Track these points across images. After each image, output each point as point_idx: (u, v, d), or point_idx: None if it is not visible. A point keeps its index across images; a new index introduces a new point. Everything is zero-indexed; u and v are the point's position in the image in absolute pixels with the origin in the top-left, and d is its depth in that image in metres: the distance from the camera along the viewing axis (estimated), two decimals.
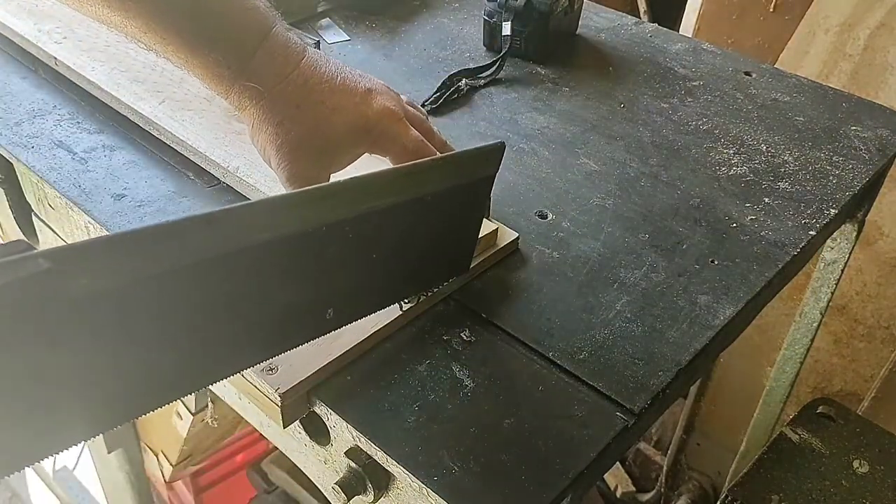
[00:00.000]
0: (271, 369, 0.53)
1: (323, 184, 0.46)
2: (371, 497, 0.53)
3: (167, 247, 0.38)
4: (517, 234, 0.66)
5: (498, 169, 0.56)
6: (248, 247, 0.42)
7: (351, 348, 0.55)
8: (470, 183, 0.55)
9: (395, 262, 0.54)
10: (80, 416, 0.40)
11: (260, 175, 0.66)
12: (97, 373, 0.39)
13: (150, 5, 0.54)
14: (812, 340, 1.02)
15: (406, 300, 0.58)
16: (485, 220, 0.64)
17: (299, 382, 0.52)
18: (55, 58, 0.79)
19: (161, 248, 0.38)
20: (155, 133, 0.73)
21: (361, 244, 0.49)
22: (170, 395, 0.44)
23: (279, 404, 0.52)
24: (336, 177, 0.59)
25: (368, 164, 0.62)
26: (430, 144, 0.59)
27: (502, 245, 0.65)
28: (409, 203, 0.51)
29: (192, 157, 0.71)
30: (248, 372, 0.53)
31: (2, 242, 0.87)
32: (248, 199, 0.68)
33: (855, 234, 0.90)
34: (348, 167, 0.60)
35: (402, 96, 0.64)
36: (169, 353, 0.42)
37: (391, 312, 0.58)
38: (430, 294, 0.59)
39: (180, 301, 0.40)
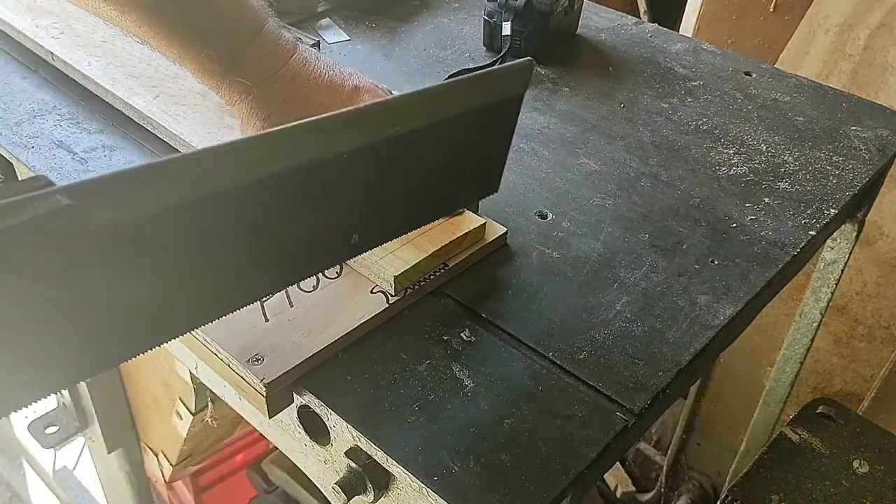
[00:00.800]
0: (257, 360, 0.53)
1: (344, 109, 0.45)
2: (371, 497, 0.53)
3: (188, 178, 0.38)
4: (505, 229, 0.66)
5: (527, 87, 0.55)
6: (269, 175, 0.41)
7: (337, 339, 0.55)
8: (497, 102, 0.54)
9: (421, 185, 0.53)
10: (105, 344, 0.40)
11: None
12: (121, 302, 0.39)
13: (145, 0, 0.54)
14: (812, 340, 1.02)
15: (395, 294, 0.59)
16: (473, 214, 0.64)
17: (285, 373, 0.53)
18: (52, 53, 0.79)
19: (182, 179, 0.37)
20: (149, 128, 0.74)
21: (385, 169, 0.49)
22: (199, 320, 0.45)
23: (264, 395, 0.53)
24: None
25: None
26: None
27: (490, 240, 0.65)
28: (434, 126, 0.49)
29: (185, 152, 0.71)
30: (234, 362, 0.54)
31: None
32: None
33: (855, 234, 0.90)
34: None
35: (394, 92, 0.64)
36: (195, 279, 0.42)
37: (378, 304, 0.58)
38: (416, 288, 0.60)
39: (204, 230, 0.40)
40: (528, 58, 0.54)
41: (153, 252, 0.39)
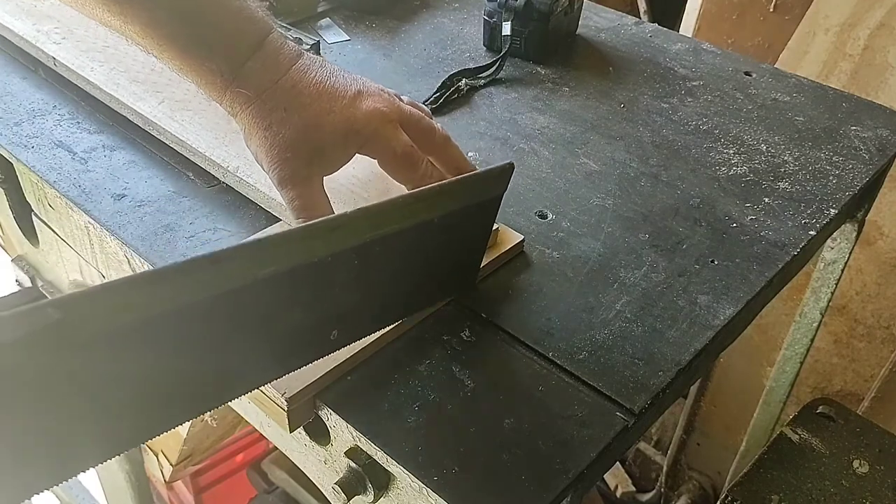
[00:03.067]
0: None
1: (328, 216, 0.46)
2: (371, 497, 0.53)
3: (172, 287, 0.39)
4: (522, 237, 0.66)
5: (506, 188, 0.56)
6: (253, 282, 0.43)
7: (358, 352, 0.55)
8: (478, 203, 0.55)
9: (399, 283, 0.54)
10: (97, 442, 0.41)
11: (259, 175, 0.66)
12: (113, 402, 0.40)
13: (147, 12, 0.55)
14: (812, 340, 1.02)
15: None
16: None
17: (306, 387, 0.52)
18: (54, 58, 0.79)
19: (166, 289, 0.39)
20: (154, 133, 0.73)
21: (366, 269, 0.50)
22: (182, 417, 0.45)
23: (286, 409, 0.52)
24: (330, 178, 0.59)
25: (363, 164, 0.62)
26: (418, 150, 0.59)
27: (507, 248, 0.64)
28: (415, 227, 0.51)
29: (191, 157, 0.71)
30: None
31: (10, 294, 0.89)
32: (248, 198, 0.68)
33: (855, 234, 0.90)
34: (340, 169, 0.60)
35: (403, 97, 0.64)
36: (177, 381, 0.43)
37: None
38: None
39: (187, 335, 0.42)
40: (510, 161, 0.55)
41: (140, 357, 0.40)
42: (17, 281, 1.01)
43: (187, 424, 1.15)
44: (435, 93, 0.86)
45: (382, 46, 0.96)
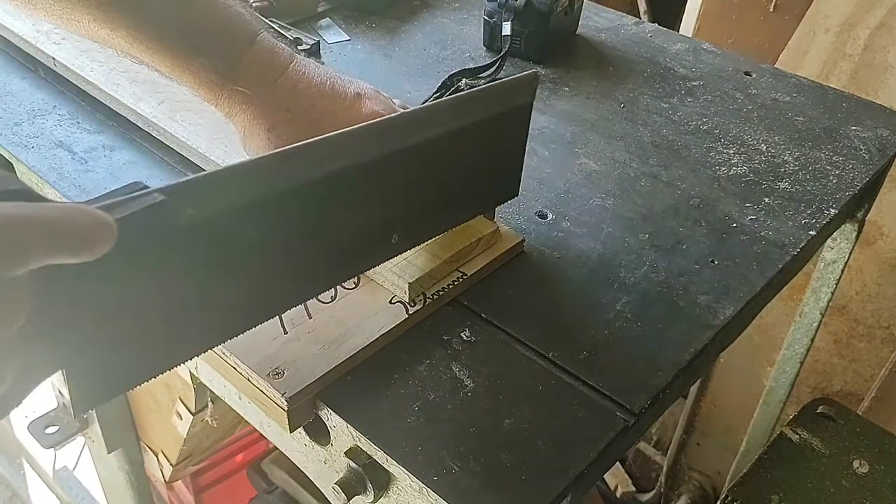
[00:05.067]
0: (277, 373, 0.52)
1: (382, 118, 0.50)
2: (371, 497, 0.53)
3: (250, 181, 0.44)
4: (522, 237, 0.66)
5: (533, 98, 0.60)
6: (320, 177, 0.47)
7: (357, 352, 0.55)
8: (508, 111, 0.59)
9: (447, 188, 0.58)
10: (191, 334, 0.45)
11: None
12: (203, 291, 0.44)
13: (134, 14, 0.54)
14: (812, 340, 1.02)
15: (411, 303, 0.58)
16: (485, 220, 0.64)
17: (306, 386, 0.52)
18: (54, 58, 0.79)
19: (245, 182, 0.44)
20: (154, 133, 0.73)
21: (418, 172, 0.54)
22: (260, 316, 0.49)
23: (286, 409, 0.52)
24: None
25: None
26: None
27: (506, 248, 0.64)
28: (457, 132, 0.55)
29: (191, 158, 0.71)
30: (254, 376, 0.53)
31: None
32: None
33: (855, 234, 0.90)
34: None
35: (395, 100, 0.65)
36: (257, 275, 0.47)
37: (397, 315, 0.58)
38: (436, 297, 0.59)
39: (265, 228, 0.46)
40: (534, 70, 0.60)
41: (228, 248, 0.44)
42: None
43: (187, 424, 1.15)
44: (435, 93, 0.86)
45: (382, 46, 0.96)
